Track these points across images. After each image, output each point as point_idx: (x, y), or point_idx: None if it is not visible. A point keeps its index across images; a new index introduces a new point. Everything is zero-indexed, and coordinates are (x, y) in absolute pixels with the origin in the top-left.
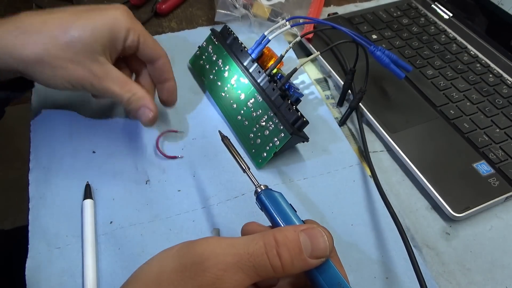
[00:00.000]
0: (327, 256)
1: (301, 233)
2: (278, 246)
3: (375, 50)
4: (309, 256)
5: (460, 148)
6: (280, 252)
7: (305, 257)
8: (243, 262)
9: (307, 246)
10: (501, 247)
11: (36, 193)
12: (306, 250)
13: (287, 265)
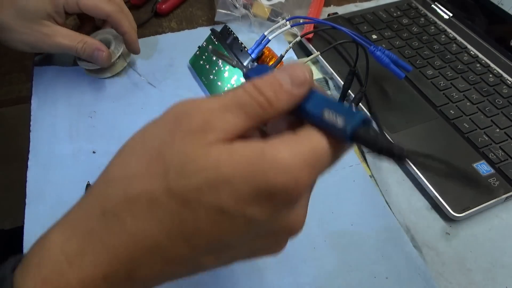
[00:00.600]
0: (309, 82)
1: (275, 72)
2: (257, 87)
3: (375, 50)
4: (291, 86)
5: (460, 148)
6: (262, 91)
7: (288, 88)
8: (227, 104)
9: (286, 79)
10: (501, 247)
11: (34, 190)
12: (286, 82)
13: (272, 99)
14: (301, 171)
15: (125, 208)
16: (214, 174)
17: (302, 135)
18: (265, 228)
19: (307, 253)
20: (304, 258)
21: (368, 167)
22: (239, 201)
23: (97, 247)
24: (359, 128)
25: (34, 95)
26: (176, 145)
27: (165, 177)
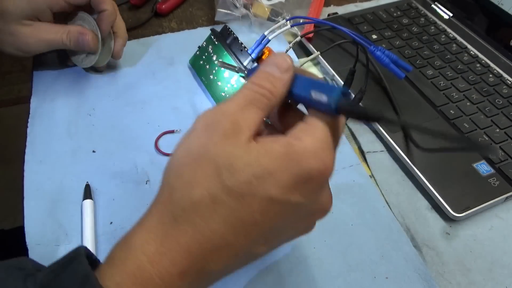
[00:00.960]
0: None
1: (262, 66)
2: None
3: (375, 50)
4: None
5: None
6: (260, 84)
7: (278, 75)
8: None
9: (273, 69)
10: (501, 247)
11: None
12: (275, 71)
13: (271, 89)
14: (324, 152)
15: (193, 211)
16: (258, 168)
17: (311, 122)
18: (306, 210)
19: (307, 253)
20: (304, 258)
21: (368, 167)
22: (283, 188)
23: (173, 248)
24: (341, 101)
25: (34, 93)
26: (218, 149)
27: (219, 177)
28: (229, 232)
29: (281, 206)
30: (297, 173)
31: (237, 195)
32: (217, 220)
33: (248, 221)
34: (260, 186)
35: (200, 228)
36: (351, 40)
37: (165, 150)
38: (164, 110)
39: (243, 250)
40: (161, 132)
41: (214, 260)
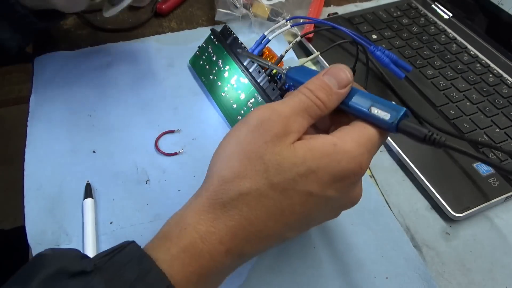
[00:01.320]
0: (350, 81)
1: (324, 76)
2: (313, 91)
3: (375, 50)
4: (338, 88)
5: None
6: (317, 95)
7: (336, 90)
8: (296, 109)
9: (333, 82)
10: (501, 247)
11: (32, 185)
12: (334, 85)
13: (326, 101)
14: (363, 156)
15: (241, 201)
16: (303, 168)
17: (357, 127)
18: (338, 202)
19: (307, 253)
20: (304, 258)
21: (368, 167)
22: (322, 185)
23: (222, 229)
24: (402, 121)
25: (34, 93)
26: (269, 148)
27: (267, 174)
28: (270, 219)
29: (318, 199)
30: (336, 172)
31: (281, 189)
32: (261, 209)
33: (288, 211)
34: (302, 183)
35: (246, 215)
36: (351, 40)
37: (165, 150)
38: (164, 110)
39: (278, 234)
40: (161, 132)
41: (254, 241)
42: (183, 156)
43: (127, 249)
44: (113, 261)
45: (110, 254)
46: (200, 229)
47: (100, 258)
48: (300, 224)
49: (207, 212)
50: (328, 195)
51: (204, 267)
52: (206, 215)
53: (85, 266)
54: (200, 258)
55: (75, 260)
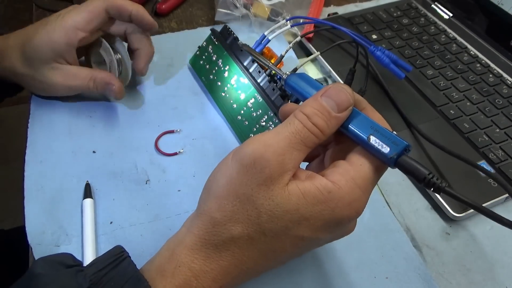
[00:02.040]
0: (352, 104)
1: (321, 98)
2: (310, 117)
3: (375, 50)
4: (337, 112)
5: (460, 148)
6: (314, 122)
7: (335, 115)
8: (292, 142)
9: (332, 105)
10: (501, 247)
11: (33, 185)
12: (333, 109)
13: (324, 128)
14: (360, 201)
15: (232, 244)
16: (296, 216)
17: (354, 165)
18: (330, 239)
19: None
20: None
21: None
22: (315, 230)
23: (215, 268)
24: (402, 157)
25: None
26: (262, 191)
27: (259, 220)
28: (261, 258)
29: (310, 241)
30: (330, 219)
31: (273, 235)
32: (253, 250)
33: (279, 251)
34: (294, 229)
35: (238, 256)
36: (351, 40)
37: (165, 150)
38: (164, 110)
39: (270, 267)
40: (161, 132)
41: (246, 276)
42: (183, 156)
43: (122, 265)
44: (108, 277)
45: (105, 269)
46: (194, 267)
47: (95, 273)
48: (291, 258)
49: (199, 251)
50: (320, 237)
51: None
52: (199, 254)
53: (80, 284)
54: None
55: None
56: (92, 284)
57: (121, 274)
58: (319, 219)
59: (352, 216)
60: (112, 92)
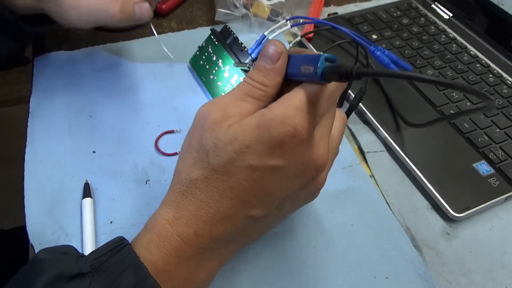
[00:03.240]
0: (281, 52)
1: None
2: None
3: (375, 50)
4: (273, 64)
5: (460, 148)
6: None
7: (271, 67)
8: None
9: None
10: (501, 247)
11: (33, 185)
12: (268, 63)
13: (263, 81)
14: (295, 118)
15: (193, 186)
16: (237, 145)
17: (292, 92)
18: (291, 170)
19: (307, 253)
20: (304, 258)
21: (368, 167)
22: (261, 156)
23: (185, 214)
24: (325, 68)
25: (34, 93)
26: (208, 134)
27: (208, 158)
28: (223, 198)
29: (262, 170)
30: (269, 141)
31: (223, 170)
32: (212, 190)
33: (237, 187)
34: (240, 159)
35: (200, 197)
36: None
37: (165, 150)
38: (164, 110)
39: (241, 212)
40: (161, 132)
41: (219, 223)
42: None
43: (122, 253)
44: (109, 263)
45: (105, 256)
46: (167, 216)
47: (96, 258)
48: (260, 199)
49: (170, 202)
50: (272, 165)
51: (177, 249)
52: (171, 204)
53: (81, 268)
54: (172, 240)
55: (71, 262)
56: (93, 269)
57: (121, 260)
58: (260, 143)
59: (291, 132)
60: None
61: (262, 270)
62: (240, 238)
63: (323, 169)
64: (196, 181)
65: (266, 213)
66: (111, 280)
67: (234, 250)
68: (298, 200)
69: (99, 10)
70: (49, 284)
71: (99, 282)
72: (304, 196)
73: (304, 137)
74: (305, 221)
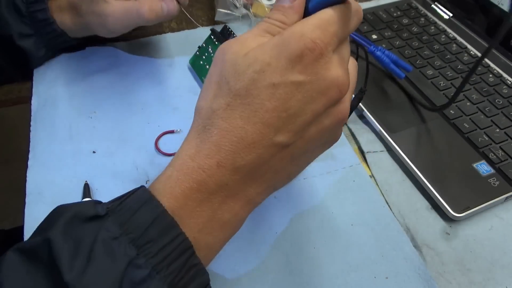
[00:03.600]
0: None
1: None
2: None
3: (375, 50)
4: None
5: (460, 148)
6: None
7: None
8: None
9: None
10: (501, 247)
11: (33, 189)
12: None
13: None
14: (313, 32)
15: (215, 117)
16: (257, 65)
17: (311, 15)
18: (312, 87)
19: (307, 253)
20: (304, 258)
21: (368, 167)
22: (281, 72)
23: (207, 145)
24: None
25: (34, 95)
26: (228, 64)
27: (229, 86)
28: (247, 123)
29: (285, 87)
30: (289, 55)
31: (245, 93)
32: (234, 116)
33: (261, 110)
34: (261, 78)
35: (223, 126)
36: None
37: (165, 150)
38: (164, 110)
39: (266, 138)
40: (161, 132)
41: (242, 151)
42: None
43: (136, 193)
44: (124, 204)
45: (121, 199)
46: (189, 150)
47: (112, 202)
48: (284, 122)
49: (192, 137)
50: (294, 80)
51: (199, 182)
52: (193, 139)
53: (98, 211)
54: (193, 173)
55: (89, 205)
56: (109, 211)
57: (136, 199)
58: (280, 59)
59: (311, 45)
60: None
61: (262, 270)
62: (266, 174)
63: (346, 90)
64: (218, 111)
65: (291, 139)
66: (126, 217)
67: (261, 192)
68: (323, 131)
69: (130, 13)
70: (67, 223)
71: (115, 221)
72: (329, 126)
73: (323, 50)
74: (305, 221)
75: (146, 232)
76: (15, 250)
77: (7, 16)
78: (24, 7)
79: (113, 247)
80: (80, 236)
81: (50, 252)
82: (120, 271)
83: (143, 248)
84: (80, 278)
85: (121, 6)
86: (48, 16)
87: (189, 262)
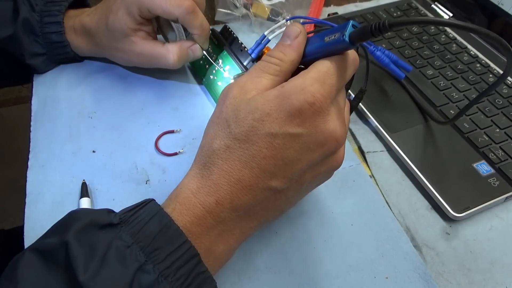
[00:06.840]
0: (299, 31)
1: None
2: (268, 54)
3: (375, 50)
4: (290, 41)
5: (460, 148)
6: (271, 54)
7: (289, 44)
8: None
9: (285, 39)
10: (501, 247)
11: (33, 190)
12: (286, 40)
13: (280, 56)
14: (313, 86)
15: (215, 157)
16: (258, 114)
17: (310, 67)
18: (310, 139)
19: (307, 253)
20: (304, 258)
21: (368, 167)
22: (280, 123)
23: (207, 183)
24: (352, 32)
25: (35, 95)
26: (229, 108)
27: (229, 129)
28: (244, 167)
29: (283, 138)
30: (289, 108)
31: (244, 138)
32: (233, 159)
33: (258, 156)
34: (261, 127)
35: (222, 167)
36: None
37: (165, 150)
38: (164, 111)
39: (262, 182)
40: (161, 132)
41: (240, 192)
42: (183, 156)
43: (148, 206)
44: (136, 215)
45: (133, 210)
46: (191, 186)
47: (125, 213)
48: (280, 169)
49: (195, 174)
50: (292, 132)
51: (199, 217)
52: (195, 176)
53: (112, 219)
54: (194, 209)
55: (103, 214)
56: (122, 221)
57: (147, 212)
58: (280, 111)
59: (310, 100)
60: (195, 53)
61: (262, 270)
62: (261, 212)
63: (343, 142)
64: (218, 151)
65: (286, 184)
66: (138, 228)
67: (254, 226)
68: (317, 176)
69: (158, 60)
70: (83, 229)
71: (128, 231)
72: (323, 172)
73: (323, 105)
74: (305, 221)
75: (154, 240)
76: (33, 250)
77: (21, 37)
78: (38, 27)
79: (125, 254)
80: (95, 242)
81: (67, 254)
82: (130, 276)
83: (152, 254)
84: (94, 279)
85: (149, 49)
86: (64, 39)
87: (196, 269)
